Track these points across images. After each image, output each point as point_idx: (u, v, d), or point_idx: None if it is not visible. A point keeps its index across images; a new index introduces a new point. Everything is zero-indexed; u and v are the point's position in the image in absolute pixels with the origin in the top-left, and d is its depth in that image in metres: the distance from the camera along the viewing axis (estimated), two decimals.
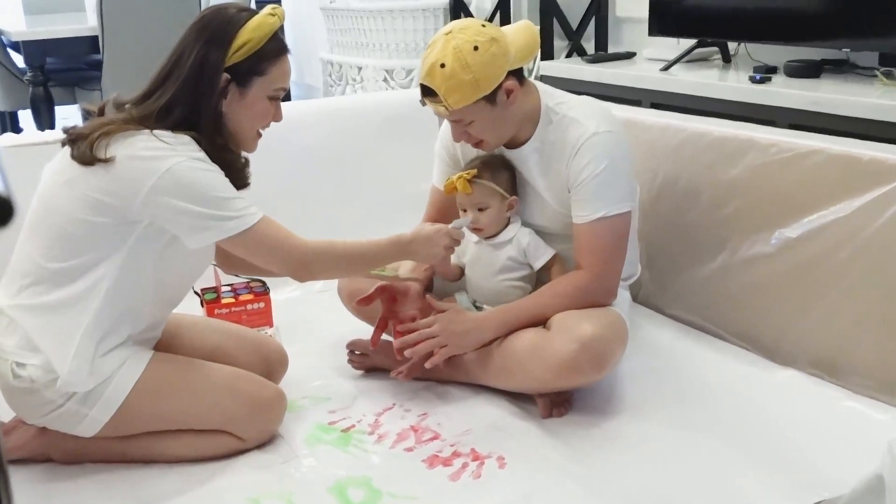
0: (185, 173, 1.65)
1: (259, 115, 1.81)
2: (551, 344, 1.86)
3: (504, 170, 2.04)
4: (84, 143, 1.67)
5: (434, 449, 1.84)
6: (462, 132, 1.96)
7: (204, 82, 1.72)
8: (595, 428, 1.90)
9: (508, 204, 2.04)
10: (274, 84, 1.80)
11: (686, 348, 2.22)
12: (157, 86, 1.74)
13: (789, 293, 2.09)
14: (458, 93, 1.86)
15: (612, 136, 1.95)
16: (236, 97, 1.76)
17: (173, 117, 1.71)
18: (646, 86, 3.24)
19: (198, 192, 1.65)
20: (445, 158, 2.20)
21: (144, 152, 1.65)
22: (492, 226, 2.04)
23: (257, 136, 1.85)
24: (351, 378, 2.16)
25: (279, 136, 1.98)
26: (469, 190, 2.00)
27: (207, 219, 1.66)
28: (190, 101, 1.72)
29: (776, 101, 2.76)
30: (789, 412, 1.91)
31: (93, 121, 1.75)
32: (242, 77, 1.75)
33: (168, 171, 1.63)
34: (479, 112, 1.90)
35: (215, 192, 1.67)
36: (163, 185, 1.63)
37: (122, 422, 1.72)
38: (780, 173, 2.10)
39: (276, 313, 2.41)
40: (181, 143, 1.68)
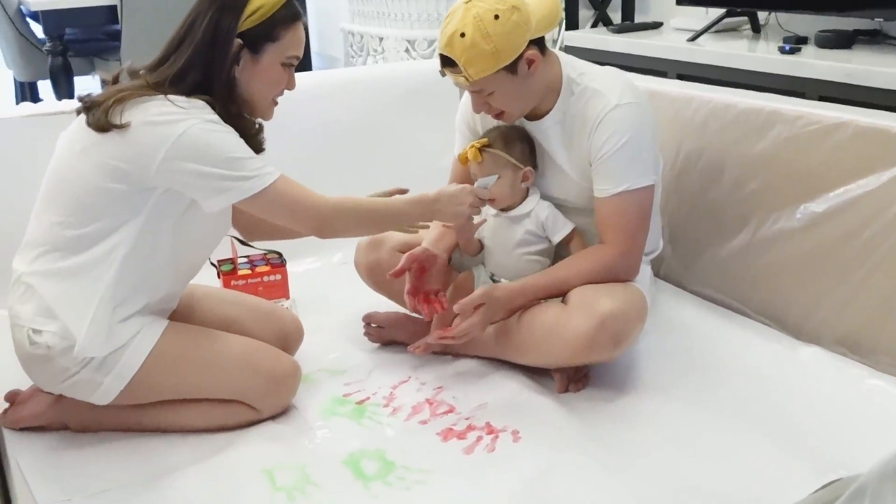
0: (199, 136, 1.66)
1: (272, 82, 1.82)
2: (569, 319, 1.86)
3: (518, 140, 2.03)
4: (99, 110, 1.69)
5: (449, 422, 1.85)
6: (482, 103, 1.96)
7: (217, 48, 1.73)
8: (612, 404, 1.90)
9: (523, 175, 2.03)
10: (287, 51, 1.80)
11: (708, 325, 2.21)
12: (171, 52, 1.75)
13: (814, 269, 2.07)
14: (479, 63, 1.85)
15: (635, 107, 1.94)
16: (249, 63, 1.77)
17: (187, 83, 1.72)
18: (672, 56, 3.21)
19: (213, 153, 1.67)
20: (465, 132, 2.20)
21: (159, 117, 1.67)
22: (505, 197, 2.04)
23: (272, 103, 1.86)
24: (367, 351, 2.18)
25: (298, 107, 1.99)
26: (479, 159, 2.00)
27: (225, 180, 1.67)
28: (203, 66, 1.73)
29: (806, 73, 2.73)
30: (812, 390, 1.90)
31: (107, 89, 1.76)
32: (255, 43, 1.76)
33: (182, 134, 1.65)
34: (499, 83, 1.89)
35: (231, 152, 1.69)
36: (178, 149, 1.65)
37: (136, 390, 1.75)
38: (806, 147, 2.08)
39: (293, 285, 2.43)
40: (195, 107, 1.69)
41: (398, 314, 2.22)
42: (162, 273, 1.79)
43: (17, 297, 1.74)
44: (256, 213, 1.77)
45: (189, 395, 1.81)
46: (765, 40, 3.20)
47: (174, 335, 1.79)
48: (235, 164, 1.68)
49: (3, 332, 1.81)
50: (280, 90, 1.85)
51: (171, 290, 1.85)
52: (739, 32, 3.36)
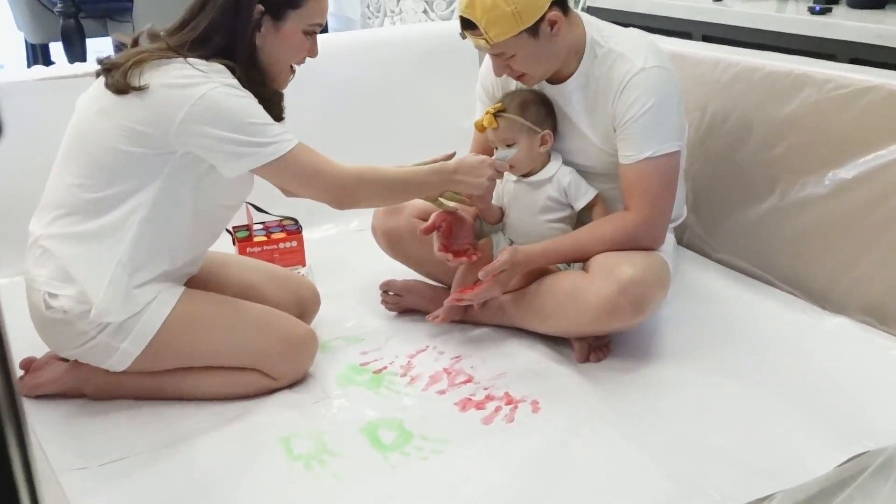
0: (219, 99, 1.66)
1: (293, 49, 1.82)
2: (590, 286, 1.86)
3: (534, 104, 2.02)
4: (118, 72, 1.70)
5: (467, 392, 1.86)
6: (504, 66, 1.94)
7: (239, 13, 1.73)
8: (634, 373, 1.90)
9: (541, 139, 2.01)
10: (310, 18, 1.80)
11: (732, 293, 2.21)
12: (193, 16, 1.75)
13: (842, 237, 2.06)
14: (499, 25, 1.84)
15: (660, 71, 1.92)
16: (270, 30, 1.77)
17: (208, 47, 1.73)
18: (697, 17, 3.17)
19: (232, 118, 1.67)
20: (486, 101, 2.19)
21: (178, 80, 1.67)
22: (524, 163, 2.02)
23: (290, 71, 1.86)
24: (384, 319, 2.19)
25: (315, 70, 1.98)
26: (494, 124, 1.99)
27: (243, 145, 1.68)
28: (225, 31, 1.73)
29: (837, 34, 2.69)
30: (838, 360, 1.90)
31: (127, 51, 1.77)
32: (277, 9, 1.76)
33: (202, 97, 1.65)
34: (521, 45, 1.88)
35: (250, 118, 1.69)
36: (197, 112, 1.65)
37: (153, 356, 1.76)
38: (835, 111, 2.06)
39: (309, 252, 2.43)
40: (215, 71, 1.70)
41: (416, 282, 2.22)
42: (181, 238, 1.80)
43: (34, 260, 1.76)
44: (274, 181, 1.78)
45: (206, 362, 1.82)
46: (793, 0, 3.15)
47: (191, 301, 1.80)
48: (254, 130, 1.68)
49: (19, 299, 1.82)
50: (300, 58, 1.85)
51: (190, 256, 1.86)
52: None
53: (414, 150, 2.80)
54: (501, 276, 1.92)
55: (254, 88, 1.74)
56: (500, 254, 1.93)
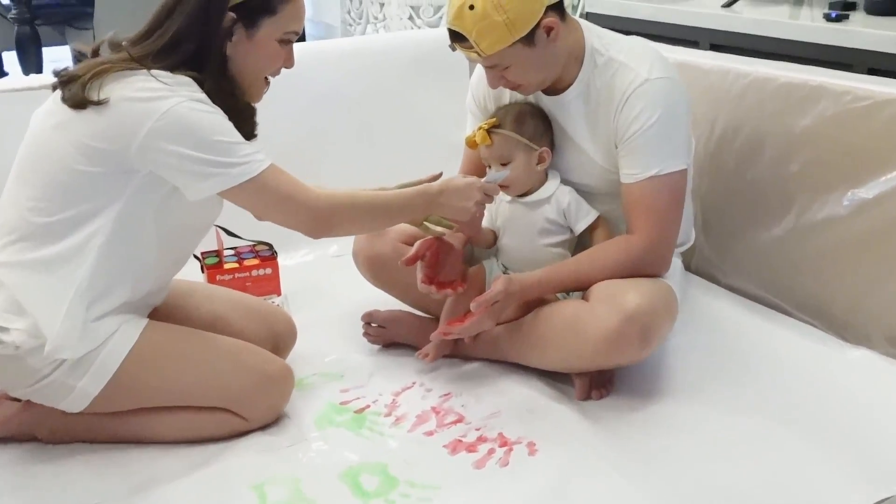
0: (185, 115, 1.66)
1: (268, 59, 1.82)
2: (592, 316, 1.87)
3: (531, 118, 2.03)
4: (76, 85, 1.70)
5: (457, 433, 1.85)
6: (498, 77, 1.95)
7: (209, 21, 1.74)
8: (639, 412, 1.90)
9: (538, 156, 2.02)
10: (285, 26, 1.80)
11: (745, 323, 2.21)
12: (158, 24, 1.75)
13: (864, 261, 2.07)
14: (492, 36, 1.84)
15: (666, 82, 1.93)
16: (243, 39, 1.77)
17: (174, 58, 1.73)
18: (705, 24, 3.20)
19: (199, 135, 1.67)
20: (477, 114, 2.20)
21: (141, 93, 1.67)
22: (519, 183, 2.03)
23: (264, 83, 1.86)
24: (366, 353, 2.18)
25: (292, 81, 1.99)
26: (488, 141, 2.00)
27: (210, 165, 1.67)
28: (193, 40, 1.73)
29: (854, 42, 2.71)
30: (861, 395, 1.90)
31: (86, 62, 1.77)
32: (250, 16, 1.76)
33: (166, 112, 1.65)
34: (516, 55, 1.89)
35: (218, 135, 1.69)
36: (161, 127, 1.65)
37: (113, 396, 1.75)
38: (855, 125, 2.07)
39: (285, 280, 2.43)
40: (181, 84, 1.70)
41: (401, 312, 2.22)
42: (143, 265, 1.80)
43: None
44: (242, 205, 1.77)
45: (171, 401, 1.81)
46: (808, 6, 3.18)
47: (155, 334, 1.79)
48: (222, 149, 1.68)
49: None
50: (275, 68, 1.85)
51: (153, 285, 1.86)
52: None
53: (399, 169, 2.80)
54: (494, 308, 1.93)
55: (224, 102, 1.74)
56: (494, 283, 1.94)
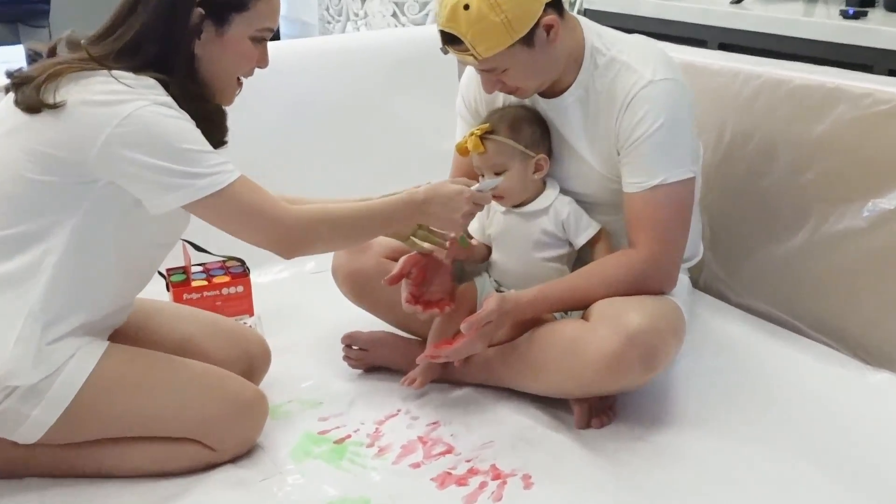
0: (148, 120, 1.65)
1: (239, 59, 1.81)
2: (592, 337, 1.86)
3: (527, 123, 2.02)
4: (29, 87, 1.68)
5: (446, 465, 1.84)
6: (495, 81, 1.94)
7: (174, 17, 1.72)
8: (643, 441, 1.90)
9: (535, 164, 2.01)
10: (258, 22, 1.79)
11: (757, 344, 2.20)
12: (120, 21, 1.74)
13: (885, 277, 2.06)
14: (489, 38, 1.83)
15: (672, 84, 1.93)
16: (212, 37, 1.76)
17: (137, 58, 1.71)
18: (713, 22, 3.22)
19: (164, 142, 1.65)
20: (468, 118, 2.20)
21: (100, 96, 1.66)
22: (514, 192, 2.03)
23: (237, 84, 1.85)
24: (347, 378, 2.17)
25: (265, 84, 1.99)
26: (481, 149, 1.99)
27: (174, 176, 1.66)
28: (158, 39, 1.72)
29: (873, 41, 2.73)
30: (884, 422, 1.89)
31: (42, 62, 1.75)
32: (219, 12, 1.75)
33: (128, 117, 1.64)
34: (514, 57, 1.87)
35: (184, 143, 1.67)
36: (121, 133, 1.64)
37: (71, 426, 1.73)
38: (875, 130, 2.07)
39: (258, 299, 2.42)
40: (144, 86, 1.68)
41: (384, 333, 2.21)
42: (103, 283, 1.78)
43: None
44: (208, 219, 1.75)
45: (134, 432, 1.80)
46: (823, 2, 3.20)
47: (116, 358, 1.77)
48: (188, 158, 1.67)
49: None
50: (248, 68, 1.84)
51: (114, 306, 1.84)
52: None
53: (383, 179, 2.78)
54: (487, 329, 1.91)
55: (193, 105, 1.73)
56: (486, 301, 1.92)
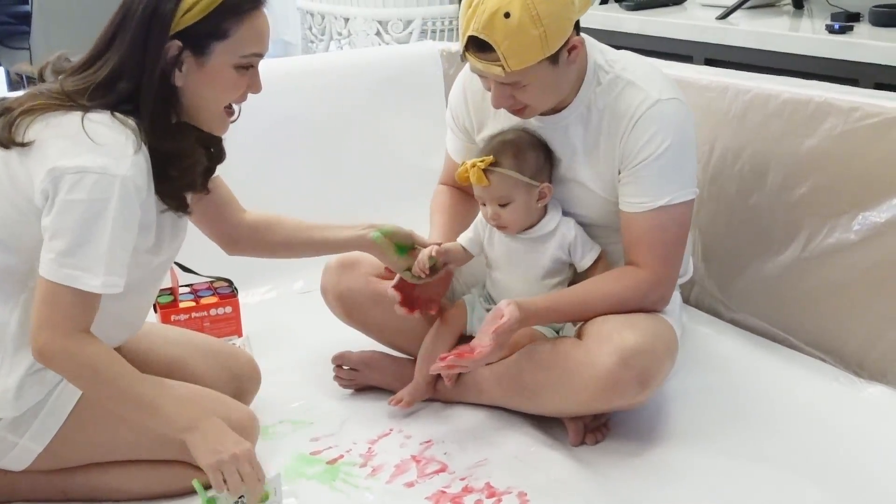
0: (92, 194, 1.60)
1: (223, 88, 1.76)
2: (587, 357, 1.87)
3: (531, 151, 1.98)
4: (4, 121, 1.67)
5: (440, 484, 1.84)
6: (507, 97, 1.90)
7: (147, 52, 1.68)
8: (637, 457, 1.91)
9: (539, 193, 1.98)
10: (241, 49, 1.73)
11: (751, 360, 2.22)
12: (98, 55, 1.71)
13: (877, 291, 2.08)
14: (523, 52, 1.79)
15: (679, 105, 1.94)
16: (193, 68, 1.71)
17: (113, 94, 1.68)
18: (699, 37, 3.23)
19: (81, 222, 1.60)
20: (456, 130, 2.20)
21: (64, 142, 1.62)
22: (518, 222, 2.00)
23: (225, 113, 1.80)
24: (338, 398, 2.17)
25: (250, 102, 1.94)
26: (485, 182, 1.95)
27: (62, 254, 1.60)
28: (134, 75, 1.68)
29: (860, 56, 2.75)
30: (879, 436, 1.91)
31: (25, 93, 1.74)
32: (198, 43, 1.70)
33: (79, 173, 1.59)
34: (539, 74, 1.85)
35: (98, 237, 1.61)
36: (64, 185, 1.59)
37: (59, 452, 1.73)
38: (864, 144, 2.10)
39: (247, 320, 2.42)
40: (115, 141, 1.63)
41: (375, 353, 2.22)
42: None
43: None
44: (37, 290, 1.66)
45: (123, 455, 1.80)
46: (809, 17, 3.23)
47: None
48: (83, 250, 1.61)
49: None
50: (235, 96, 1.78)
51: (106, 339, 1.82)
52: (779, 8, 3.40)
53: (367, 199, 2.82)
54: (504, 336, 1.89)
55: (176, 136, 1.71)
56: (504, 309, 1.88)
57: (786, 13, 3.33)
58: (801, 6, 3.33)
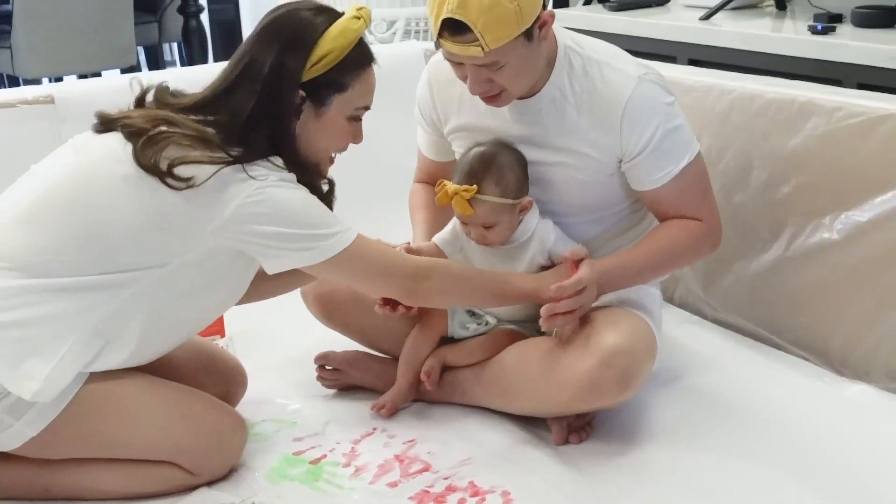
0: (273, 193, 1.71)
1: (336, 137, 1.86)
2: (566, 358, 1.88)
3: (509, 169, 1.95)
4: (146, 146, 1.69)
5: (424, 483, 1.85)
6: (485, 80, 1.89)
7: (282, 100, 1.76)
8: (621, 456, 1.91)
9: (521, 207, 1.97)
10: (355, 102, 1.83)
11: (734, 359, 2.23)
12: (221, 96, 1.78)
13: (860, 289, 2.10)
14: (500, 27, 1.79)
15: (654, 76, 1.97)
16: (311, 117, 1.80)
17: (258, 142, 1.75)
18: (682, 38, 3.25)
19: (287, 213, 1.72)
20: (424, 125, 2.22)
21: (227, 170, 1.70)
22: (503, 237, 1.99)
23: (330, 160, 1.89)
24: (321, 398, 2.17)
25: None
26: (470, 211, 1.93)
27: (300, 240, 1.72)
28: (269, 122, 1.76)
29: (842, 56, 2.77)
30: (861, 434, 1.92)
31: (148, 114, 1.76)
32: (320, 93, 1.79)
33: (255, 192, 1.69)
34: (516, 51, 1.84)
35: (307, 210, 1.75)
36: (249, 207, 1.69)
37: (50, 441, 1.73)
38: (848, 143, 2.11)
39: (229, 320, 2.41)
40: (269, 166, 1.74)
41: (358, 353, 2.21)
42: (155, 335, 1.80)
43: None
44: (334, 277, 1.85)
45: (112, 453, 1.79)
46: (792, 18, 3.25)
47: (102, 379, 1.76)
48: (311, 223, 1.73)
49: None
50: (343, 145, 1.88)
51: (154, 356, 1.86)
52: (762, 9, 3.41)
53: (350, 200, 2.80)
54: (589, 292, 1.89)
55: (302, 181, 1.78)
56: (580, 268, 1.88)
57: (768, 14, 3.35)
58: (784, 7, 3.35)
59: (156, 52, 5.56)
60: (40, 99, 2.64)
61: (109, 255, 1.71)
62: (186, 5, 5.13)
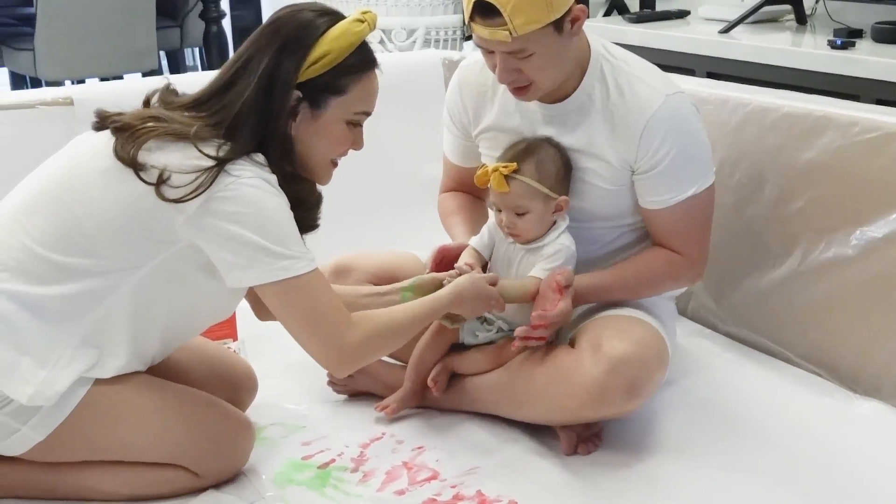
0: (246, 192, 1.67)
1: (333, 142, 1.83)
2: (575, 366, 1.87)
3: (552, 162, 1.97)
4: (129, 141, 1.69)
5: (432, 491, 1.84)
6: (513, 70, 1.90)
7: (274, 99, 1.74)
8: (631, 469, 1.90)
9: (556, 205, 1.98)
10: (354, 106, 1.81)
11: (745, 373, 2.23)
12: (216, 93, 1.77)
13: (873, 306, 2.09)
14: (529, 11, 1.80)
15: (683, 96, 1.98)
16: (307, 119, 1.78)
17: (243, 139, 1.73)
18: (701, 51, 3.25)
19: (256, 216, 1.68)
20: (453, 128, 2.22)
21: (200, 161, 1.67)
22: (531, 233, 1.99)
23: (331, 165, 1.87)
24: (330, 402, 2.18)
25: None
26: (505, 188, 1.94)
27: (258, 251, 1.67)
28: (258, 119, 1.74)
29: (861, 71, 2.76)
30: (872, 452, 1.91)
31: (139, 112, 1.77)
32: (317, 96, 1.77)
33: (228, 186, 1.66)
34: (544, 41, 1.85)
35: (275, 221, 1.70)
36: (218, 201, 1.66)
37: (57, 444, 1.73)
38: (863, 158, 2.10)
39: (241, 323, 2.41)
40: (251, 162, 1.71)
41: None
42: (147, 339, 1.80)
43: None
44: (274, 307, 1.76)
45: (118, 456, 1.80)
46: (811, 33, 3.24)
47: (108, 383, 1.76)
48: (275, 236, 1.68)
49: None
50: (342, 150, 1.86)
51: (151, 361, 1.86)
52: (781, 23, 3.41)
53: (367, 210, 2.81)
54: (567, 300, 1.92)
55: (288, 185, 1.76)
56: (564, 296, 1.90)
57: (788, 28, 3.35)
58: (804, 21, 3.34)
59: (177, 56, 5.58)
60: (59, 100, 2.66)
61: (88, 253, 1.70)
62: (208, 11, 5.15)
